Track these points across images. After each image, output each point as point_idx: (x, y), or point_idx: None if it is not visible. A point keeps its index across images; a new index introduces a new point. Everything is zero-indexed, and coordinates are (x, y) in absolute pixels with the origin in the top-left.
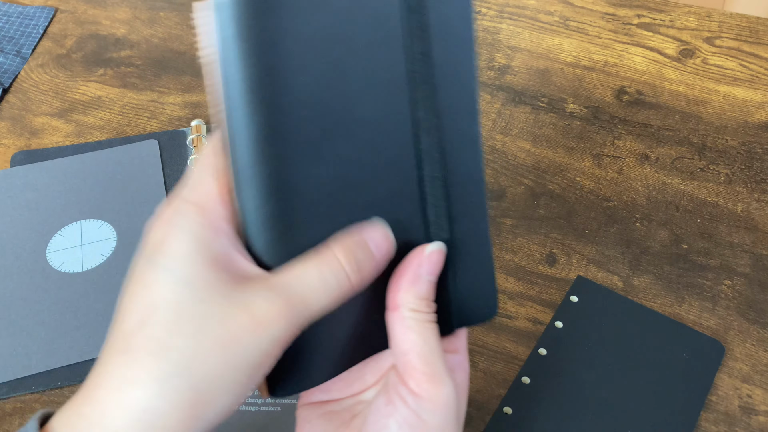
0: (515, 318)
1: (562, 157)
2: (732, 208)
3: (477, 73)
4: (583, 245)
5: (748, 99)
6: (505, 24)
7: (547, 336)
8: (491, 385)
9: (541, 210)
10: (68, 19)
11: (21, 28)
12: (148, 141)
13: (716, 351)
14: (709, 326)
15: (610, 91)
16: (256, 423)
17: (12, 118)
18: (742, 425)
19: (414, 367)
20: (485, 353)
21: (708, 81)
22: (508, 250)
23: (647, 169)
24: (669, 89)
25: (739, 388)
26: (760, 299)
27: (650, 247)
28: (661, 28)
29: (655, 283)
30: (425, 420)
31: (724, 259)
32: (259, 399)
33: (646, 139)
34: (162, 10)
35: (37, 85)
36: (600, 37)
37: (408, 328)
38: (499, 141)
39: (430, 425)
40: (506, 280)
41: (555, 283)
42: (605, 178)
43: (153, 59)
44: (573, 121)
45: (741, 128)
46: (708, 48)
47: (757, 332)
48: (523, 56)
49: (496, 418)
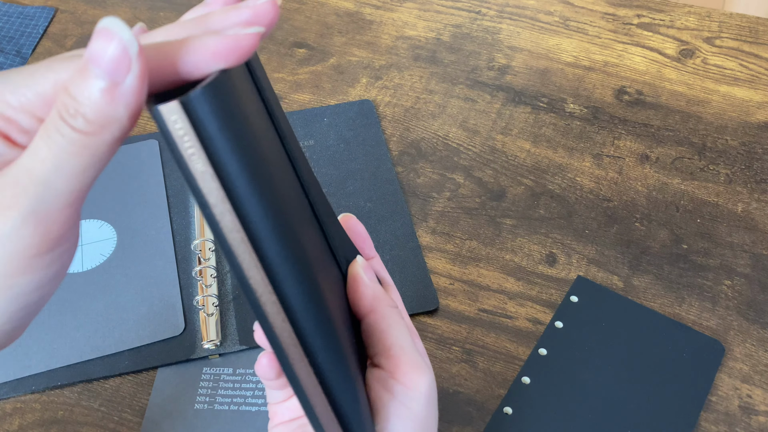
0: (515, 318)
1: (562, 157)
2: (732, 208)
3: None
4: (583, 245)
5: (748, 99)
6: (505, 24)
7: (547, 336)
8: (491, 385)
9: (541, 210)
10: (68, 19)
11: (21, 28)
12: (148, 141)
13: (716, 351)
14: (709, 326)
15: (610, 91)
16: (256, 423)
17: None
18: (742, 425)
19: (399, 359)
20: (485, 353)
21: (708, 81)
22: (508, 250)
23: (647, 169)
24: (669, 89)
25: (739, 388)
26: (760, 299)
27: (650, 247)
28: (661, 28)
29: (655, 283)
30: (412, 408)
31: (724, 259)
32: (259, 399)
33: (646, 139)
34: (162, 10)
35: None
36: (600, 37)
37: (389, 326)
38: (499, 141)
39: (417, 413)
40: (506, 280)
41: (555, 283)
42: (605, 178)
43: None
44: (573, 121)
45: (741, 128)
46: (708, 48)
47: (757, 332)
48: (523, 56)
49: (496, 418)
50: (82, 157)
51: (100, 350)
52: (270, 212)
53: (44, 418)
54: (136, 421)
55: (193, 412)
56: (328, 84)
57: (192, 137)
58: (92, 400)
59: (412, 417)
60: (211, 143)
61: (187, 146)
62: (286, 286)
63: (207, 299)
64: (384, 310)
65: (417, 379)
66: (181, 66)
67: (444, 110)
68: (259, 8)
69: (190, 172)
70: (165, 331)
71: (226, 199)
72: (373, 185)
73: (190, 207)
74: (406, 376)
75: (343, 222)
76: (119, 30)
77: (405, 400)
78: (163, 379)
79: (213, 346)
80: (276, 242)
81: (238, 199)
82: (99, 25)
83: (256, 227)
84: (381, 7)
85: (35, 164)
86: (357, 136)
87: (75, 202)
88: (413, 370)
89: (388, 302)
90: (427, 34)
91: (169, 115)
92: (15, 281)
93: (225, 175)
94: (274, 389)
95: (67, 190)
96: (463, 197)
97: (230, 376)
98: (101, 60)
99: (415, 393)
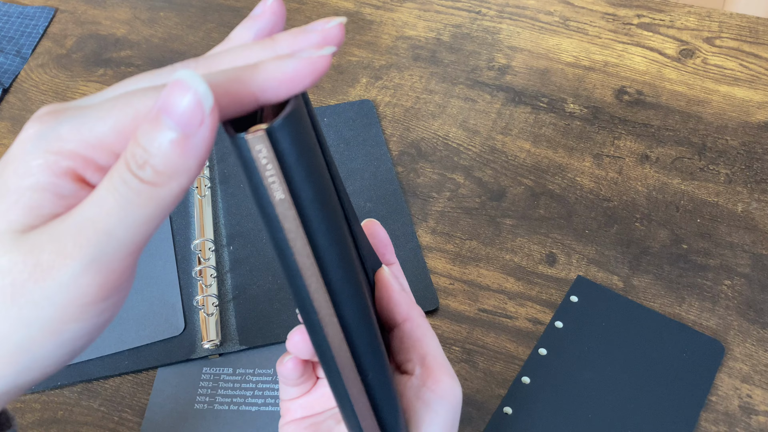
0: (515, 318)
1: (562, 157)
2: (732, 208)
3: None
4: (583, 245)
5: (748, 99)
6: (505, 24)
7: (547, 336)
8: (491, 385)
9: (541, 210)
10: (68, 19)
11: (21, 28)
12: None
13: (716, 351)
14: (709, 326)
15: (610, 91)
16: (256, 423)
17: (12, 118)
18: (742, 425)
19: (433, 367)
20: (485, 353)
21: (708, 81)
22: (508, 250)
23: (647, 169)
24: (669, 89)
25: (739, 388)
26: (760, 299)
27: (650, 247)
28: (661, 28)
29: (655, 283)
30: (441, 415)
31: (724, 259)
32: (258, 399)
33: (646, 139)
34: (162, 10)
35: (37, 85)
36: (600, 37)
37: (423, 335)
38: (499, 141)
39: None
40: (506, 280)
41: (555, 283)
42: (605, 178)
43: (153, 59)
44: (573, 121)
45: (741, 128)
46: (708, 48)
47: (757, 332)
48: (523, 56)
49: (496, 418)
50: (147, 208)
51: (100, 350)
52: (335, 239)
53: (44, 417)
54: (136, 421)
55: (193, 412)
56: (328, 84)
57: (274, 166)
58: (92, 400)
59: (442, 425)
60: (290, 172)
61: (269, 174)
62: (345, 309)
63: (207, 299)
64: (418, 318)
65: (449, 388)
66: (258, 92)
67: (444, 110)
68: (328, 32)
69: (268, 199)
70: (165, 331)
71: (300, 226)
72: (373, 185)
73: (190, 207)
74: (439, 385)
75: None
76: (195, 83)
77: (437, 408)
78: (163, 379)
79: (213, 346)
80: (339, 267)
81: (310, 226)
82: (174, 76)
83: (324, 253)
84: (381, 7)
85: (100, 215)
86: (357, 136)
87: (136, 251)
88: (446, 379)
89: (420, 311)
90: (427, 34)
91: (254, 144)
92: (67, 327)
93: (300, 203)
94: (291, 387)
95: (130, 240)
96: (463, 197)
97: (230, 376)
98: (174, 112)
99: (446, 402)
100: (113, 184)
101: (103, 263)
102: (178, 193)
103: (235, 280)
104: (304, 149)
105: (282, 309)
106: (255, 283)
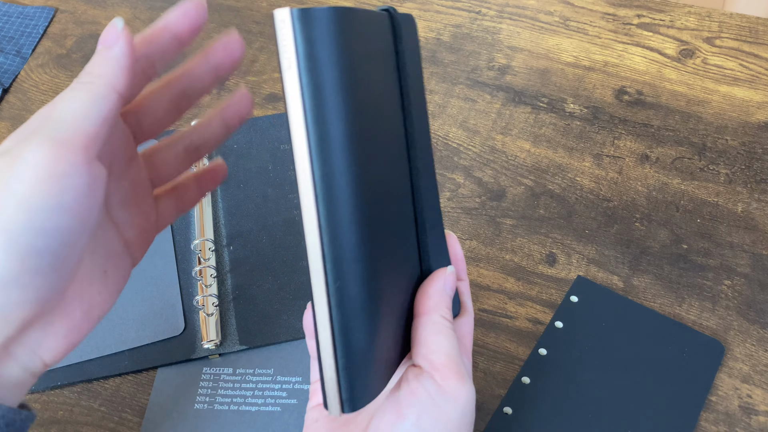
0: (515, 318)
1: (562, 157)
2: (732, 208)
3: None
4: (583, 245)
5: (748, 99)
6: (505, 24)
7: (547, 336)
8: (491, 385)
9: (541, 210)
10: (68, 19)
11: (21, 28)
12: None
13: (716, 351)
14: (709, 326)
15: (610, 91)
16: (256, 423)
17: (12, 118)
18: (742, 425)
19: (443, 364)
20: (485, 353)
21: (708, 81)
22: (508, 250)
23: (647, 169)
24: (669, 89)
25: (739, 388)
26: (760, 299)
27: (650, 247)
28: (661, 28)
29: (655, 283)
30: (446, 411)
31: (724, 259)
32: (258, 399)
33: (646, 139)
34: (162, 10)
35: (37, 85)
36: (600, 37)
37: (438, 332)
38: (499, 141)
39: (450, 417)
40: (506, 280)
41: (555, 283)
42: (605, 178)
43: None
44: (573, 121)
45: (741, 128)
46: (708, 48)
47: (757, 332)
48: (523, 56)
49: (496, 418)
50: (86, 101)
51: (100, 350)
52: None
53: (44, 417)
54: (136, 421)
55: (193, 412)
56: None
57: (291, 50)
58: (92, 400)
59: (444, 420)
60: (311, 62)
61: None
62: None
63: (207, 299)
64: (439, 319)
65: (455, 384)
66: (167, 26)
67: (444, 110)
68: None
69: (282, 83)
70: (165, 331)
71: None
72: None
73: None
74: (446, 380)
75: None
76: (115, 20)
77: (439, 401)
78: (163, 379)
79: (213, 346)
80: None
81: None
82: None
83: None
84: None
85: (53, 111)
86: None
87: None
88: (453, 376)
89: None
90: (427, 34)
91: (279, 17)
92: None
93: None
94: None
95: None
96: (463, 197)
97: (230, 376)
98: (101, 37)
99: (451, 398)
100: (68, 88)
101: (56, 140)
102: (106, 91)
103: (235, 280)
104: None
105: (282, 309)
106: (255, 283)
